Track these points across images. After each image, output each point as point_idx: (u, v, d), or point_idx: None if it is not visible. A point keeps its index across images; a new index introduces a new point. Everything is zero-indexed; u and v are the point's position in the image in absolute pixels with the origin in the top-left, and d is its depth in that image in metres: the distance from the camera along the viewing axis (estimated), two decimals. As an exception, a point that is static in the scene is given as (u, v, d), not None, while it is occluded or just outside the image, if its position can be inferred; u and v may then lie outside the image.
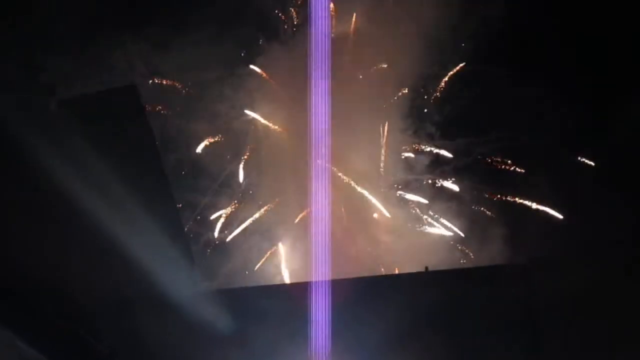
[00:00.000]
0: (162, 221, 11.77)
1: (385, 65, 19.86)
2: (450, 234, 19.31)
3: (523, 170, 19.04)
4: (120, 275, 11.47)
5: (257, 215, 19.91)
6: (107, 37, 18.62)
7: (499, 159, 19.20)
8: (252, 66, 20.20)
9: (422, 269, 13.08)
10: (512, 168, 19.10)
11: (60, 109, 12.11)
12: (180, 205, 18.28)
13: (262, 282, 18.97)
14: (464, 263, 18.67)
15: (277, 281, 19.11)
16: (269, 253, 19.79)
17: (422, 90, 19.98)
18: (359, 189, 19.82)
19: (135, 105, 12.52)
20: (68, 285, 11.41)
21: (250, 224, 19.91)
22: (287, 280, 19.20)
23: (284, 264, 19.67)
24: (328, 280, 13.37)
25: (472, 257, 18.81)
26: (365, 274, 17.08)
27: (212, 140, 20.20)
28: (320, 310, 11.78)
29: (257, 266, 19.68)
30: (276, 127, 20.35)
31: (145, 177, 11.94)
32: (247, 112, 20.35)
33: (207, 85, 20.11)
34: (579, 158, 17.99)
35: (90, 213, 10.95)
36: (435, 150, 19.82)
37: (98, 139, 11.41)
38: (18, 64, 14.55)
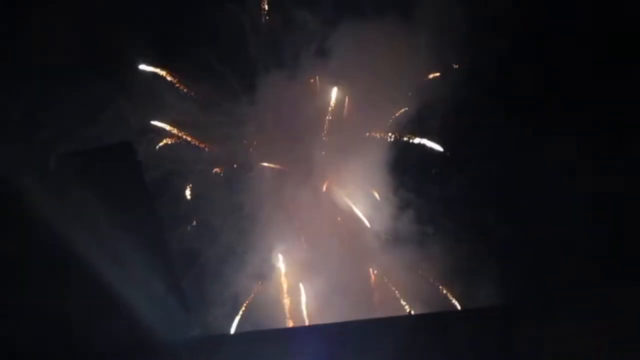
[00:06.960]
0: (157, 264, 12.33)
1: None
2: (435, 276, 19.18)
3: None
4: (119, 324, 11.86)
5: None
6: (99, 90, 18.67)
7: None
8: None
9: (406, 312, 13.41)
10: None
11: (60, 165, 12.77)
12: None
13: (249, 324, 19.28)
14: (448, 305, 18.52)
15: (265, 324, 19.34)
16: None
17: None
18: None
19: (130, 161, 13.17)
20: (70, 336, 11.78)
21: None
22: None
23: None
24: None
25: (457, 299, 18.73)
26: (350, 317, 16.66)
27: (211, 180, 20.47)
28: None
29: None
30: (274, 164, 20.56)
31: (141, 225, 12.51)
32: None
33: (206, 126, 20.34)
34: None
35: (89, 264, 11.44)
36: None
37: (95, 194, 12.02)
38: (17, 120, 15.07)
